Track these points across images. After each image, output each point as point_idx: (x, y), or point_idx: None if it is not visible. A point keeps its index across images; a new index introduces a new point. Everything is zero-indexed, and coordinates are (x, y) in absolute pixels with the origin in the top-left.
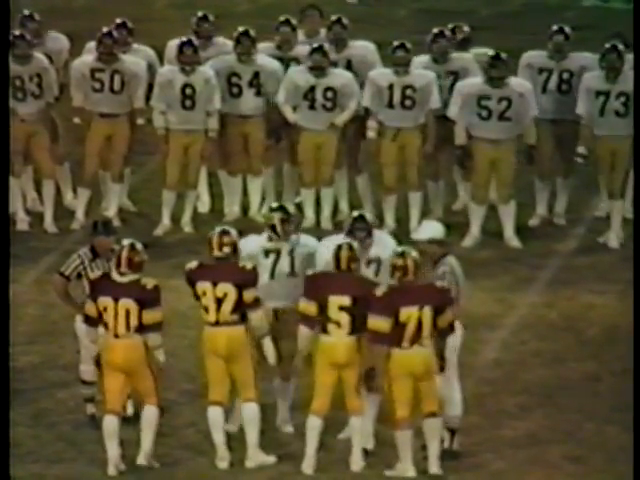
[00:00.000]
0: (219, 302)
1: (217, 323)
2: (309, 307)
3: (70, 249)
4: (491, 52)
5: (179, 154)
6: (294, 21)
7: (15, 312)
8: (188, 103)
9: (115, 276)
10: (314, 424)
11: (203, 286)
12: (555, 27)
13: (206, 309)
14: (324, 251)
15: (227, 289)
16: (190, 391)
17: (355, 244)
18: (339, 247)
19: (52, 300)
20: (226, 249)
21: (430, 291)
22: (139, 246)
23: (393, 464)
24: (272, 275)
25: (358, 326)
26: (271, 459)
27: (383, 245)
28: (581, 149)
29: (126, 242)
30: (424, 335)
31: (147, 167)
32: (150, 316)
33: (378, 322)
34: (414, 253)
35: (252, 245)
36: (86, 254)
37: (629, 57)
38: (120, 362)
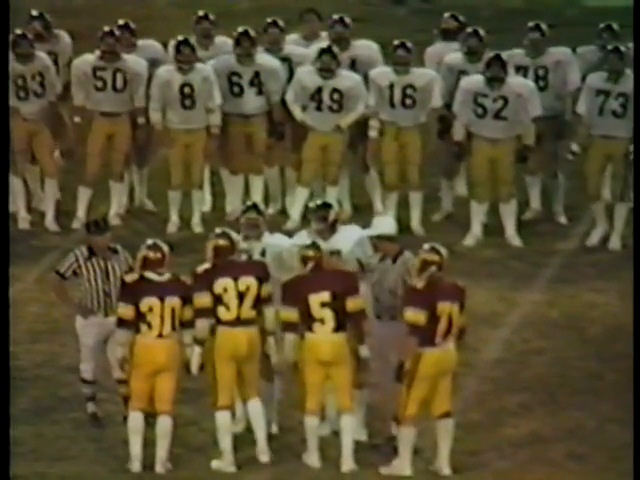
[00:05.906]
0: (241, 297)
1: (238, 320)
2: (290, 314)
3: (71, 248)
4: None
5: (181, 153)
6: (281, 22)
7: (17, 310)
8: (187, 102)
9: (152, 276)
10: (312, 424)
11: (224, 282)
12: (531, 24)
13: (227, 307)
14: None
15: (249, 282)
16: (192, 390)
17: (320, 242)
18: (305, 248)
19: (53, 299)
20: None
21: (457, 288)
22: (159, 244)
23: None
24: None
25: (343, 322)
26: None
27: (346, 238)
28: (574, 146)
29: (150, 242)
30: (453, 332)
31: (148, 165)
32: (189, 312)
33: (416, 314)
34: (443, 249)
35: None
36: (82, 252)
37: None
38: (162, 362)
